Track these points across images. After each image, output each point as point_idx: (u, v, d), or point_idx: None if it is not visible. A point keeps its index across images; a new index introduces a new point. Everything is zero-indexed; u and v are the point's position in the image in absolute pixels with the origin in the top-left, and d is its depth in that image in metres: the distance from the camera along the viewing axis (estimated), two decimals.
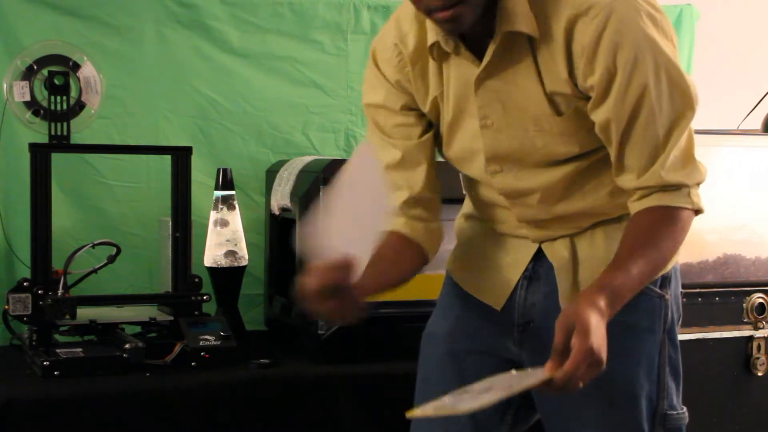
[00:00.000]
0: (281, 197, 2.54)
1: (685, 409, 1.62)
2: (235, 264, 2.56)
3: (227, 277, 2.56)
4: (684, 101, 1.46)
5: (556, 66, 1.47)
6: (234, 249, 2.56)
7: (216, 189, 2.59)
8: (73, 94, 2.66)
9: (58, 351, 2.19)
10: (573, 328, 1.30)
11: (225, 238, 2.56)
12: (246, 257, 2.59)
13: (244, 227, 2.62)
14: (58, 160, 2.37)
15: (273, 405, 2.19)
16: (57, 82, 2.62)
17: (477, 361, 1.67)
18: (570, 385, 1.29)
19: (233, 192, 2.60)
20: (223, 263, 2.55)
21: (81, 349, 2.22)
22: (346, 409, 2.22)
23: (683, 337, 2.31)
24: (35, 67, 2.64)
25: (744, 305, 2.60)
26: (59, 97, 2.62)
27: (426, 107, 1.61)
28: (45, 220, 2.27)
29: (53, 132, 2.61)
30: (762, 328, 2.61)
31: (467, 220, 1.77)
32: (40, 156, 2.29)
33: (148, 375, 2.17)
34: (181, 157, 2.39)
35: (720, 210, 2.52)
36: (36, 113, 2.64)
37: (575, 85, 1.47)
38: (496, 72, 1.50)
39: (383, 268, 1.57)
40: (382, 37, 1.63)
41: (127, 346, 2.17)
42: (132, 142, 2.72)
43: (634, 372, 1.57)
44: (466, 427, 1.66)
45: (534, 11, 1.44)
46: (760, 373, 2.60)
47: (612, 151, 1.49)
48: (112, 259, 2.37)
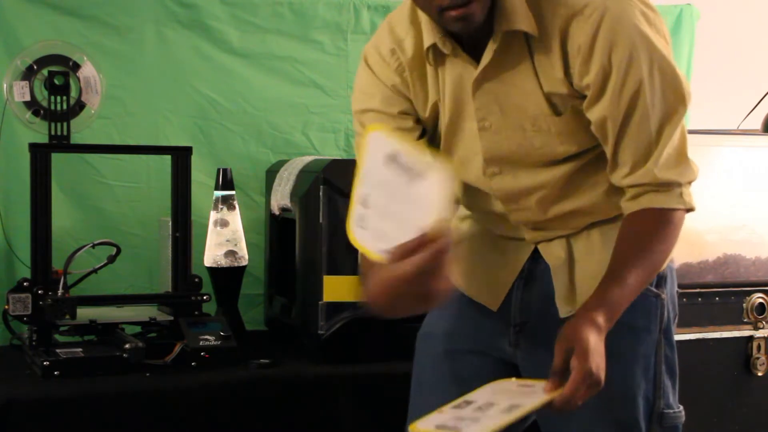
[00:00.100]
0: (281, 197, 2.54)
1: (682, 408, 1.63)
2: (235, 264, 2.56)
3: (227, 277, 2.56)
4: (676, 97, 1.47)
5: (552, 66, 1.47)
6: (234, 249, 2.56)
7: (216, 189, 2.59)
8: (73, 94, 2.66)
9: (58, 351, 2.19)
10: (572, 349, 1.33)
11: (225, 238, 2.56)
12: (246, 257, 2.59)
13: (244, 227, 2.62)
14: (58, 160, 2.37)
15: (273, 405, 2.18)
16: (57, 82, 2.62)
17: (473, 361, 1.67)
18: (569, 406, 1.32)
19: (233, 192, 2.60)
20: (223, 263, 2.55)
21: (81, 349, 2.22)
22: (346, 409, 2.22)
23: (683, 337, 2.30)
24: (35, 67, 2.64)
25: (744, 305, 2.59)
26: (59, 97, 2.62)
27: (426, 113, 1.60)
28: (45, 220, 2.27)
29: (53, 132, 2.61)
30: (762, 328, 2.61)
31: (463, 221, 1.77)
32: (40, 156, 2.29)
33: (148, 375, 2.17)
34: (181, 157, 2.39)
35: (720, 210, 2.51)
36: (36, 113, 2.64)
37: (571, 85, 1.48)
38: (493, 73, 1.50)
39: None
40: (376, 44, 1.61)
41: (127, 346, 2.17)
42: (132, 142, 2.72)
43: (631, 371, 1.58)
44: None
45: (532, 11, 1.45)
46: (760, 373, 2.60)
47: (608, 149, 1.50)
48: (112, 259, 2.37)
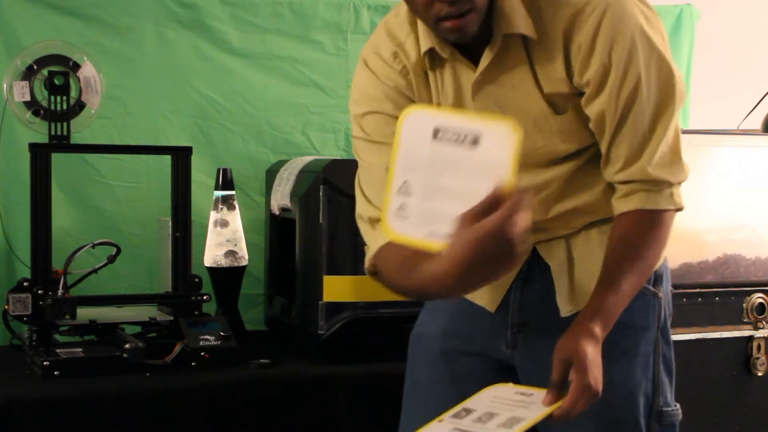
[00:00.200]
0: (281, 197, 2.54)
1: (679, 406, 1.64)
2: (235, 264, 2.56)
3: (227, 277, 2.56)
4: (670, 94, 1.48)
5: (554, 66, 1.48)
6: (234, 249, 2.56)
7: (216, 189, 2.59)
8: (73, 94, 2.66)
9: (58, 351, 2.19)
10: (570, 362, 1.34)
11: (225, 238, 2.56)
12: (246, 257, 2.59)
13: (244, 227, 2.62)
14: (58, 160, 2.37)
15: (273, 405, 2.18)
16: (57, 82, 2.62)
17: (469, 363, 1.67)
18: (568, 419, 1.33)
19: (233, 192, 2.60)
20: (223, 263, 2.55)
21: (81, 349, 2.22)
22: (346, 409, 2.22)
23: (683, 337, 2.30)
24: (35, 67, 2.64)
25: (744, 305, 2.59)
26: (59, 97, 2.62)
27: None
28: (45, 220, 2.27)
29: (53, 132, 2.61)
30: (762, 328, 2.60)
31: None
32: (40, 156, 2.29)
33: (148, 375, 2.17)
34: (181, 157, 2.39)
35: (720, 210, 2.51)
36: (36, 113, 2.64)
37: (571, 83, 1.48)
38: (493, 76, 1.50)
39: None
40: (375, 47, 1.59)
41: (127, 346, 2.17)
42: (132, 142, 2.72)
43: (631, 370, 1.58)
44: None
45: (530, 14, 1.45)
46: (760, 373, 2.60)
47: (603, 144, 1.51)
48: (112, 259, 2.37)
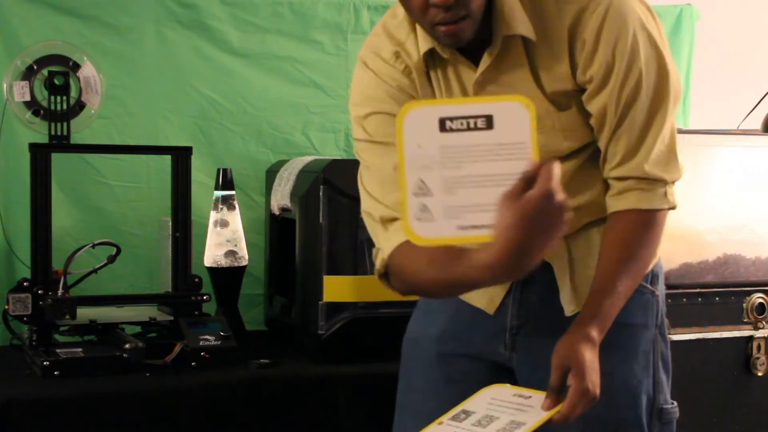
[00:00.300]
0: (281, 197, 2.54)
1: (676, 403, 1.65)
2: (235, 264, 2.56)
3: (227, 277, 2.56)
4: (665, 91, 1.49)
5: (558, 64, 1.48)
6: (234, 249, 2.56)
7: (216, 189, 2.59)
8: (73, 94, 2.66)
9: (58, 351, 2.19)
10: (568, 367, 1.35)
11: (225, 238, 2.56)
12: (246, 257, 2.59)
13: (244, 227, 2.62)
14: (58, 160, 2.37)
15: (273, 405, 2.19)
16: (57, 82, 2.62)
17: (466, 365, 1.67)
18: (566, 423, 1.34)
19: (233, 192, 2.60)
20: (223, 263, 2.55)
21: (81, 349, 2.22)
22: (346, 409, 2.22)
23: (683, 337, 2.30)
24: (35, 67, 2.64)
25: (744, 305, 2.59)
26: (59, 97, 2.62)
27: None
28: (45, 220, 2.27)
29: (53, 132, 2.61)
30: (762, 328, 2.60)
31: None
32: (40, 156, 2.29)
33: (148, 375, 2.17)
34: (181, 157, 2.39)
35: (720, 210, 2.51)
36: (36, 113, 2.64)
37: (574, 79, 1.49)
38: (493, 76, 1.50)
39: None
40: (374, 48, 1.58)
41: (127, 346, 2.17)
42: (132, 142, 2.72)
43: (632, 369, 1.59)
44: None
45: (530, 15, 1.46)
46: (760, 373, 2.59)
47: (602, 140, 1.52)
48: (112, 259, 2.37)
